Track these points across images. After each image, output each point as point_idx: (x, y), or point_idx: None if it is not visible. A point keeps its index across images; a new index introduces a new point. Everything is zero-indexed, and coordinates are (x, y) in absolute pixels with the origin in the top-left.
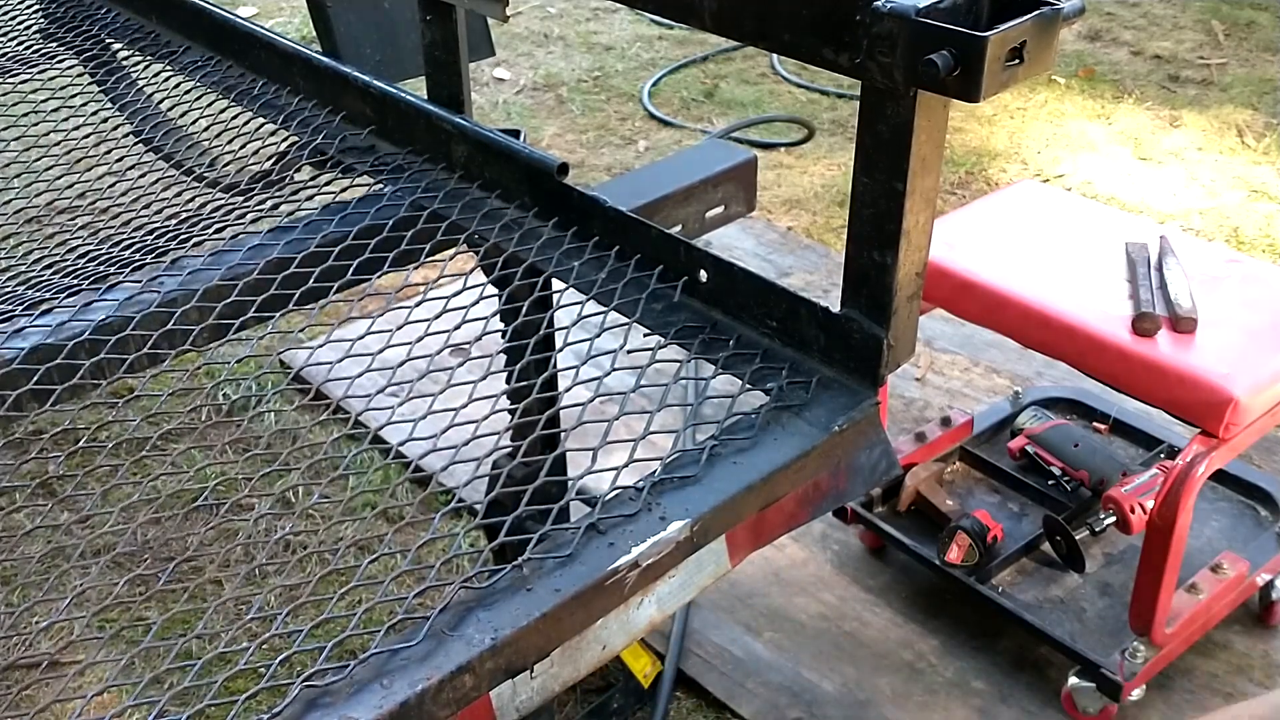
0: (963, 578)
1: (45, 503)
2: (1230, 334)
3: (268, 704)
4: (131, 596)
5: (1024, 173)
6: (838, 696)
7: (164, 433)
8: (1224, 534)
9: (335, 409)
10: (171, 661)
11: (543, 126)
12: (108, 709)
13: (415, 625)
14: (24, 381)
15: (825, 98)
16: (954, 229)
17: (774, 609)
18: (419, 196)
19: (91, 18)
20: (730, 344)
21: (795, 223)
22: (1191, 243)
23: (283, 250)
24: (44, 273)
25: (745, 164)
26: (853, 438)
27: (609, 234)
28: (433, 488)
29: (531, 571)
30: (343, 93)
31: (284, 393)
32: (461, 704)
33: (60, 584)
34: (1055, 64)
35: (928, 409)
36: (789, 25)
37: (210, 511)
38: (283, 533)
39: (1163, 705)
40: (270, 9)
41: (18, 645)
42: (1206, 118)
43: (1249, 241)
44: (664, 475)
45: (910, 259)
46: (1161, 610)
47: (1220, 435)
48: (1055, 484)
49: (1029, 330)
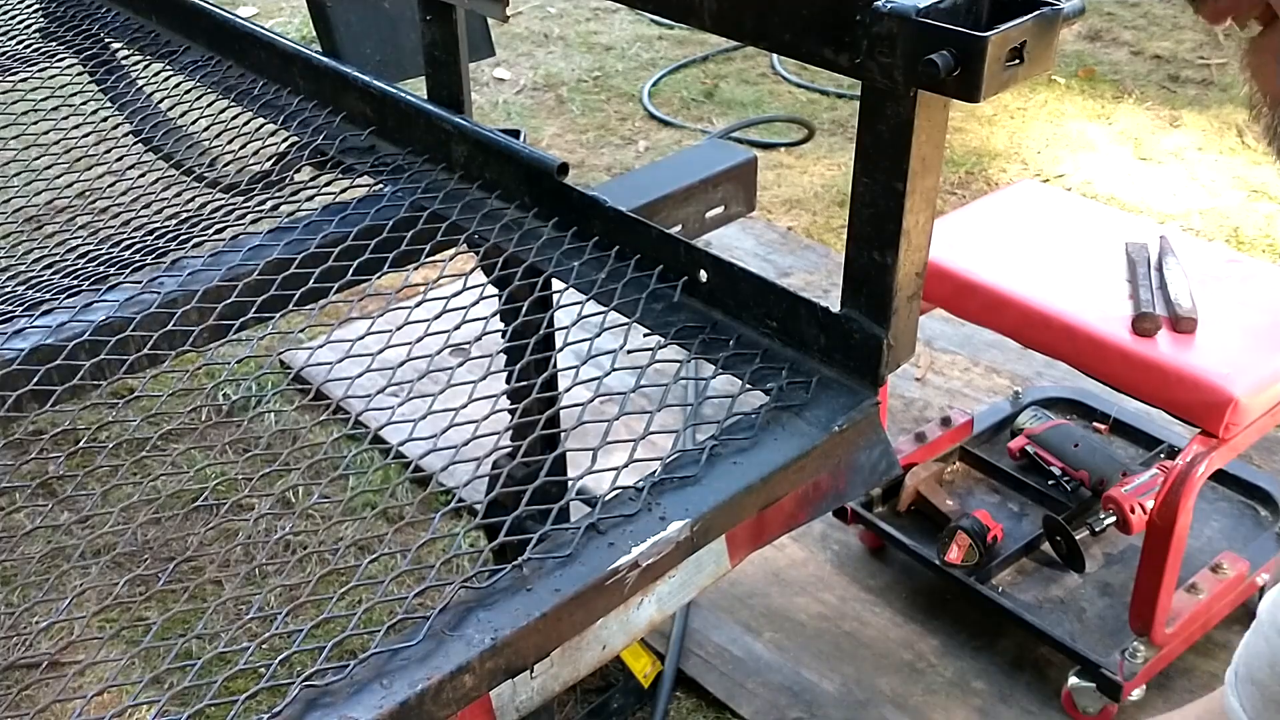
0: (963, 578)
1: (45, 503)
2: (1230, 334)
3: (268, 704)
4: (131, 596)
5: (1024, 173)
6: (838, 696)
7: (164, 433)
8: (1224, 534)
9: (335, 409)
10: (171, 661)
11: (543, 126)
12: (108, 709)
13: (415, 625)
14: (24, 382)
15: (825, 98)
16: (954, 229)
17: (774, 609)
18: (419, 197)
19: (91, 17)
20: (730, 344)
21: (795, 223)
22: (1191, 243)
23: (283, 251)
24: (44, 273)
25: (745, 164)
26: (852, 438)
27: (609, 234)
28: (433, 488)
29: (531, 571)
30: (343, 93)
31: (284, 393)
32: (461, 704)
33: (60, 584)
34: (1055, 64)
35: (928, 409)
36: (789, 25)
37: (210, 511)
38: (283, 533)
39: (1163, 705)
40: (270, 9)
41: (18, 645)
42: (1206, 118)
43: (1249, 241)
44: (664, 475)
45: (910, 259)
46: (1161, 610)
47: (1220, 435)
48: (1055, 484)
49: (1029, 330)
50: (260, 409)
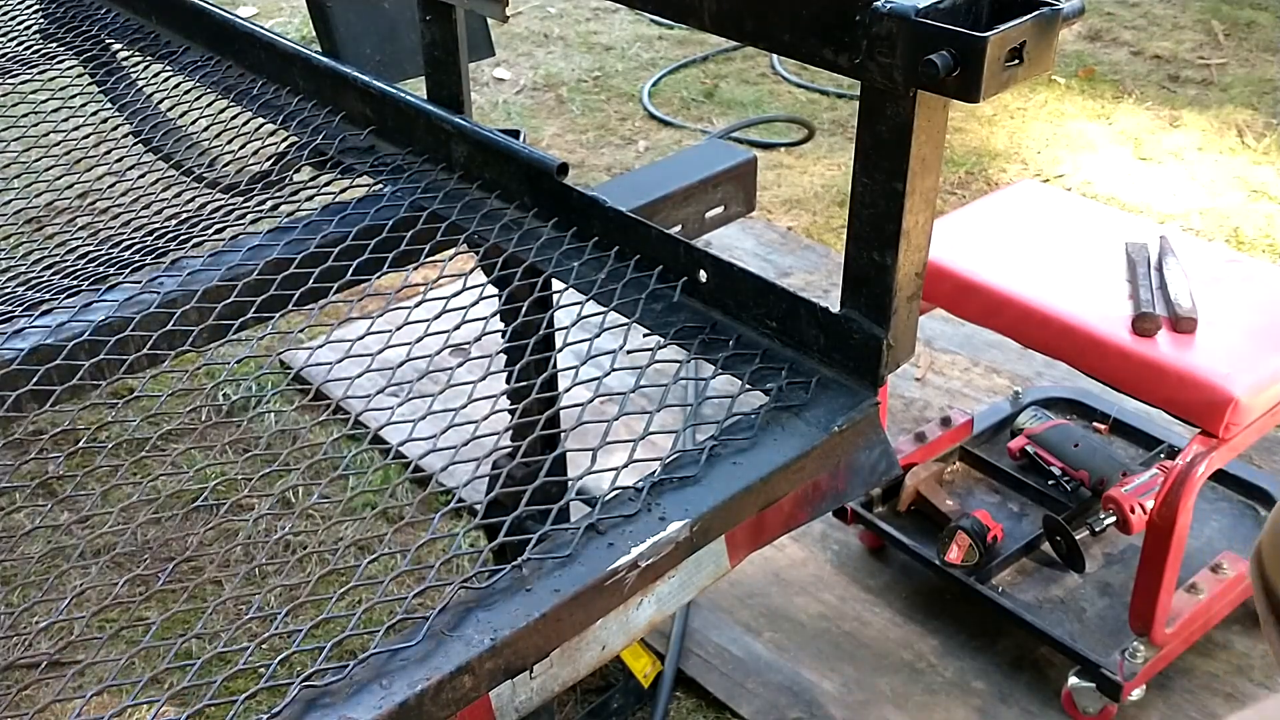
0: (963, 578)
1: (45, 503)
2: (1230, 334)
3: (267, 704)
4: (131, 596)
5: (1024, 173)
6: (838, 696)
7: (164, 433)
8: (1224, 534)
9: (335, 409)
10: (171, 661)
11: (543, 126)
12: (108, 709)
13: (415, 625)
14: (24, 382)
15: (825, 98)
16: (954, 229)
17: (774, 609)
18: (419, 197)
19: (91, 18)
20: (730, 344)
21: (795, 223)
22: (1191, 243)
23: (282, 251)
24: (44, 273)
25: (745, 164)
26: (852, 438)
27: (609, 234)
28: (433, 488)
29: (531, 572)
30: (342, 93)
31: (284, 393)
32: (461, 704)
33: (60, 584)
34: (1055, 64)
35: (928, 409)
36: (789, 25)
37: (210, 511)
38: (283, 533)
39: (1163, 705)
40: (270, 9)
41: (18, 645)
42: (1206, 118)
43: (1249, 241)
44: (664, 475)
45: (910, 259)
46: (1161, 610)
47: (1220, 435)
48: (1055, 484)
49: (1029, 330)
50: (260, 409)
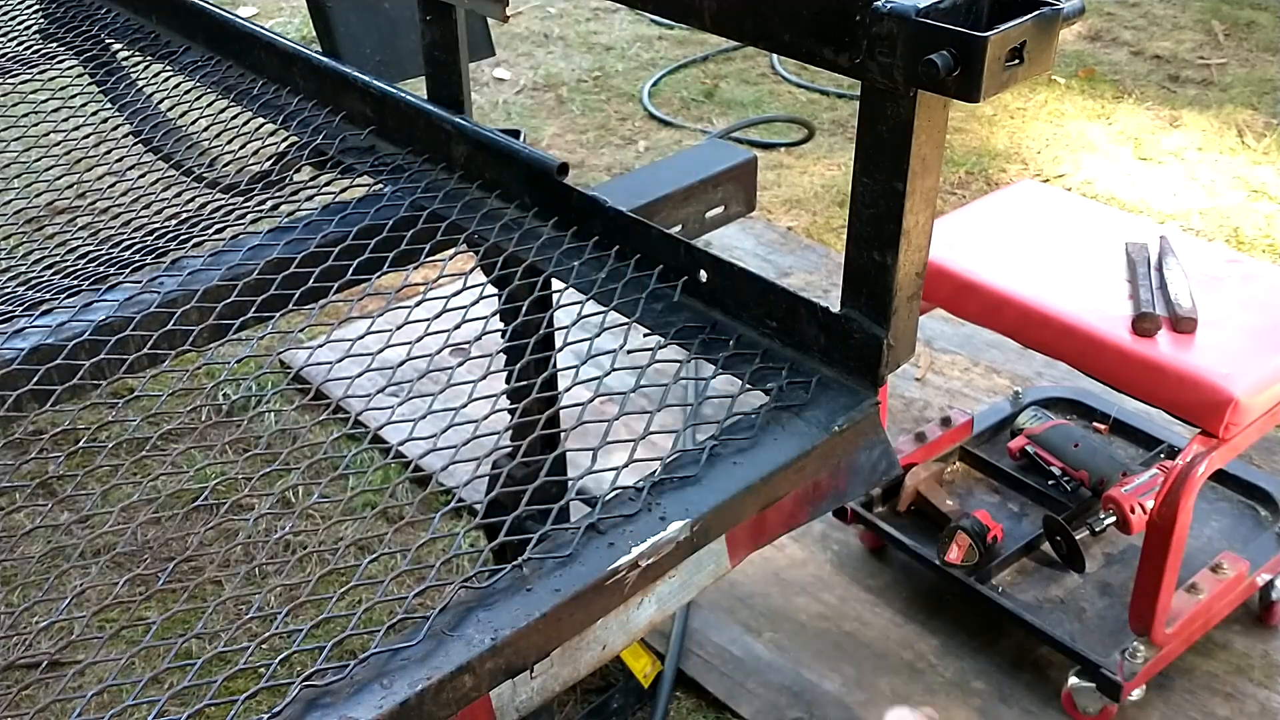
0: (963, 578)
1: (45, 503)
2: (1230, 334)
3: (268, 704)
4: (131, 596)
5: (1024, 173)
6: (838, 696)
7: (164, 433)
8: (1224, 534)
9: (335, 409)
10: (171, 661)
11: (543, 126)
12: (108, 709)
13: (415, 625)
14: (24, 381)
15: (825, 98)
16: (954, 229)
17: (774, 609)
18: (419, 197)
19: (91, 18)
20: (730, 344)
21: (795, 223)
22: (1191, 243)
23: (283, 250)
24: (44, 273)
25: (745, 164)
26: (852, 438)
27: (609, 234)
28: (433, 488)
29: (531, 571)
30: (343, 93)
31: (284, 393)
32: (461, 704)
33: (60, 584)
34: (1055, 64)
35: (928, 409)
36: (789, 25)
37: (210, 511)
38: (283, 533)
39: (1163, 705)
40: (270, 9)
41: (18, 645)
42: (1206, 118)
43: (1249, 241)
44: (664, 475)
45: (910, 259)
46: (1161, 610)
47: (1220, 435)
48: (1055, 484)
49: (1029, 330)
50: (260, 409)
